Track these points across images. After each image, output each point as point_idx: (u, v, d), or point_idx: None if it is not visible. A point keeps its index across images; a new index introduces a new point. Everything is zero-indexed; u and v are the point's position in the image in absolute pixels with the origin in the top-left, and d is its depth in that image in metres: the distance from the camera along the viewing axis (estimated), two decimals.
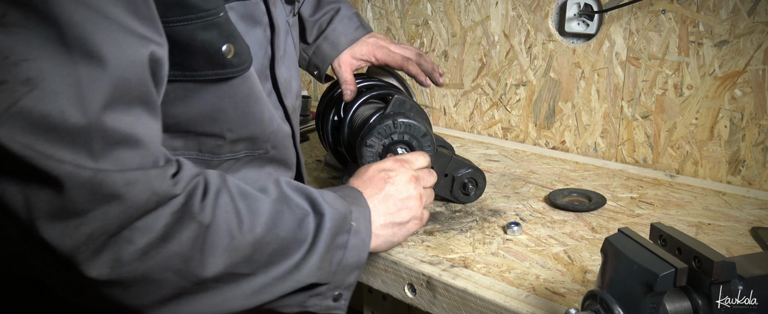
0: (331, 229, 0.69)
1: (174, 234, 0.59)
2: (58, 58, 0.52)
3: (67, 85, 0.52)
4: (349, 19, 1.08)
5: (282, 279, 0.67)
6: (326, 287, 0.71)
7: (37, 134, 0.52)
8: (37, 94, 0.51)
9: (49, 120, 0.52)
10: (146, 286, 0.59)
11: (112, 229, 0.55)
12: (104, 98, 0.54)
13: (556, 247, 0.89)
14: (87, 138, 0.54)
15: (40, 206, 0.53)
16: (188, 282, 0.61)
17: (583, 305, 0.60)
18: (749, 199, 1.07)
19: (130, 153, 0.56)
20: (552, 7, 1.29)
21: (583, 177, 1.18)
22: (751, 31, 1.06)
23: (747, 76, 1.09)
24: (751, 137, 1.11)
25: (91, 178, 0.53)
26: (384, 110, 0.97)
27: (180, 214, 0.59)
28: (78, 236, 0.54)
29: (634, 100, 1.23)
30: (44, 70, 0.52)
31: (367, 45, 1.08)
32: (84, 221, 0.54)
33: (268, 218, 0.66)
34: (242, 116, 0.76)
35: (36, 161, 0.52)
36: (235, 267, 0.63)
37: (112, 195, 0.55)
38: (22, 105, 0.51)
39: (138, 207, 0.56)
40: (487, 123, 1.48)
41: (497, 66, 1.41)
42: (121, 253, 0.56)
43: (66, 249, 0.54)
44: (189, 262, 0.60)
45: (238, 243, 0.63)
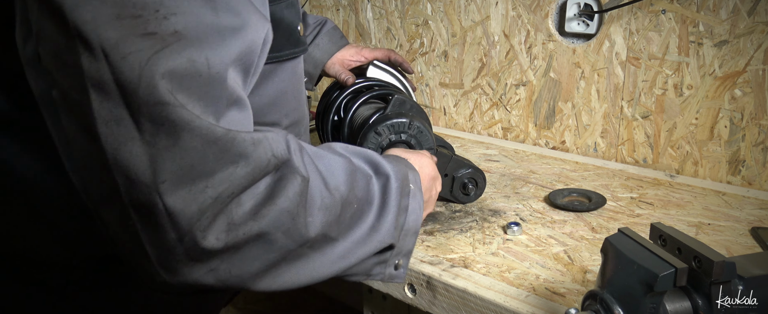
0: (398, 190, 0.69)
1: (280, 191, 0.57)
2: (204, 11, 0.51)
3: (211, 33, 0.52)
4: (334, 30, 1.17)
5: (363, 242, 0.66)
6: (390, 253, 0.70)
7: (179, 81, 0.50)
8: (184, 42, 0.50)
9: (193, 67, 0.50)
10: (256, 249, 0.57)
11: (237, 191, 0.53)
12: (235, 54, 0.54)
13: (556, 247, 0.89)
14: (220, 90, 0.52)
15: (166, 167, 0.50)
16: (294, 243, 0.59)
17: (583, 305, 0.60)
18: (749, 199, 1.07)
19: (240, 116, 0.55)
20: (552, 7, 1.29)
21: (583, 177, 1.18)
22: (751, 31, 1.06)
23: (747, 76, 1.09)
24: (751, 137, 1.11)
25: (225, 135, 0.52)
26: (384, 110, 0.97)
27: (282, 171, 0.58)
28: (204, 199, 0.52)
29: (634, 100, 1.23)
30: (190, 21, 0.51)
31: (353, 48, 1.18)
32: (210, 183, 0.52)
33: (346, 178, 0.65)
34: (296, 98, 0.76)
35: (175, 111, 0.49)
36: (328, 227, 0.62)
37: (241, 154, 0.53)
38: (170, 51, 0.49)
39: (261, 169, 0.55)
40: (487, 123, 1.48)
41: (497, 66, 1.41)
42: (233, 216, 0.54)
43: (189, 215, 0.52)
44: (296, 219, 0.58)
45: (329, 202, 0.62)
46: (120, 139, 0.50)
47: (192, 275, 0.55)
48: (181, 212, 0.51)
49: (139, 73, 0.48)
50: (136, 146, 0.50)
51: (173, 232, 0.52)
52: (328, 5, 1.72)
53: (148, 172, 0.50)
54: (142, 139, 0.50)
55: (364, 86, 1.10)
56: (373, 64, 1.17)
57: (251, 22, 0.55)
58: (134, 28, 0.49)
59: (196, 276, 0.55)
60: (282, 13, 0.68)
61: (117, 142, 0.50)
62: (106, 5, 0.48)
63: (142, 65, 0.48)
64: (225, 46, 0.53)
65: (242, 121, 0.55)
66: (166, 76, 0.49)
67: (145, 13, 0.49)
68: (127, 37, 0.48)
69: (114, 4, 0.48)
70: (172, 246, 0.53)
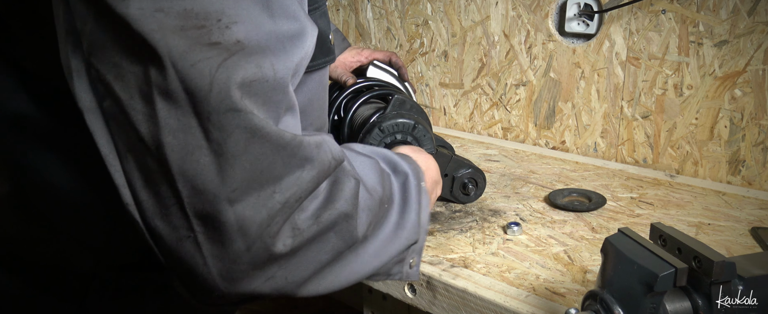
0: (416, 187, 0.70)
1: (338, 193, 0.57)
2: (264, 20, 0.51)
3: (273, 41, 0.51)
4: (336, 33, 1.17)
5: (391, 240, 0.66)
6: (407, 251, 0.70)
7: (247, 88, 0.49)
8: (248, 51, 0.50)
9: (261, 73, 0.50)
10: (313, 253, 0.56)
11: (304, 195, 0.53)
12: (296, 60, 0.54)
13: (556, 247, 0.89)
14: (282, 95, 0.52)
15: (235, 175, 0.50)
16: (345, 245, 0.59)
17: (583, 305, 0.60)
18: (749, 199, 1.07)
19: (293, 121, 0.55)
20: (552, 7, 1.29)
21: (583, 177, 1.18)
22: (751, 31, 1.06)
23: (747, 76, 1.09)
24: (751, 137, 1.11)
25: (292, 140, 0.52)
26: (384, 110, 0.97)
27: (337, 174, 0.58)
28: (273, 204, 0.51)
29: (634, 100, 1.23)
30: (252, 30, 0.50)
31: (354, 50, 1.19)
32: (278, 188, 0.51)
33: (378, 178, 0.65)
34: (322, 106, 0.76)
35: (244, 118, 0.49)
36: (370, 227, 0.62)
37: (307, 158, 0.53)
38: (238, 58, 0.49)
39: (324, 171, 0.55)
40: (487, 123, 1.48)
41: (497, 66, 1.41)
42: (296, 220, 0.54)
43: (259, 221, 0.51)
44: (350, 221, 0.58)
45: (370, 203, 0.62)
46: (187, 148, 0.49)
47: (251, 285, 0.55)
48: (250, 219, 0.51)
49: (211, 80, 0.48)
50: (204, 154, 0.50)
51: (241, 241, 0.52)
52: (328, 5, 1.72)
53: (217, 180, 0.50)
54: (210, 147, 0.49)
55: (364, 86, 1.10)
56: (373, 64, 1.17)
57: (307, 28, 0.56)
58: (199, 38, 0.48)
59: (254, 286, 0.55)
60: (317, 21, 0.67)
61: (184, 151, 0.49)
62: (170, 17, 0.48)
63: (213, 72, 0.48)
64: (286, 53, 0.53)
65: (296, 125, 0.56)
66: (237, 84, 0.49)
67: (207, 23, 0.49)
68: (193, 47, 0.48)
69: (178, 16, 0.48)
70: (237, 256, 0.52)
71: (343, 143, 1.05)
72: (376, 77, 1.15)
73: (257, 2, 0.51)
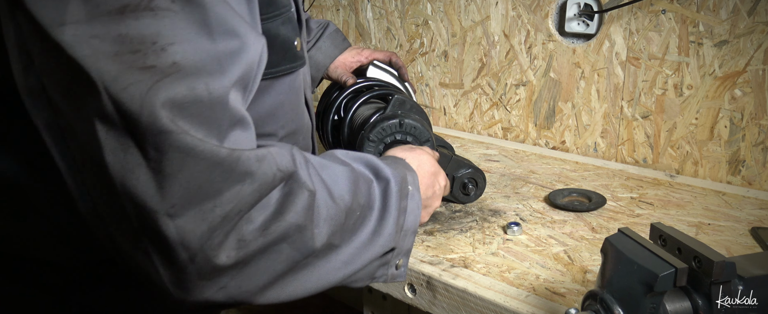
0: (397, 193, 0.71)
1: (289, 205, 0.58)
2: (202, 39, 0.53)
3: (209, 61, 0.53)
4: (336, 33, 1.18)
5: (367, 246, 0.67)
6: (391, 254, 0.71)
7: (181, 109, 0.51)
8: (183, 72, 0.51)
9: (194, 95, 0.51)
10: (265, 263, 0.58)
11: (245, 208, 0.55)
12: (236, 77, 0.55)
13: (556, 247, 0.89)
14: (222, 113, 0.53)
15: (174, 191, 0.51)
16: (300, 255, 0.60)
17: (583, 305, 0.60)
18: (749, 199, 1.07)
19: (244, 135, 0.57)
20: (552, 7, 1.29)
21: (583, 177, 1.18)
22: (751, 31, 1.06)
23: (747, 76, 1.09)
24: (751, 137, 1.11)
25: (229, 156, 0.53)
26: (384, 110, 0.97)
27: (290, 186, 0.59)
28: (213, 218, 0.53)
29: (634, 100, 1.23)
30: (188, 51, 0.52)
31: (354, 50, 1.19)
32: (218, 203, 0.53)
33: (349, 186, 0.66)
34: (294, 109, 0.78)
35: (178, 138, 0.50)
36: (333, 236, 0.63)
37: (246, 173, 0.54)
38: (170, 81, 0.51)
39: (267, 184, 0.56)
40: (487, 123, 1.48)
41: (497, 66, 1.41)
42: (243, 232, 0.55)
43: (200, 234, 0.53)
44: (303, 232, 0.59)
45: (334, 212, 0.63)
46: (127, 166, 0.51)
47: (204, 294, 0.57)
48: (191, 232, 0.53)
49: (140, 103, 0.50)
50: (143, 172, 0.51)
51: (184, 253, 0.53)
52: (328, 5, 1.72)
53: (157, 197, 0.51)
54: (149, 165, 0.51)
55: (365, 86, 1.10)
56: (373, 64, 1.17)
57: (249, 42, 0.57)
58: (133, 63, 0.50)
59: (207, 295, 0.57)
60: (278, 29, 0.69)
61: (124, 169, 0.51)
62: (105, 42, 0.50)
63: (143, 96, 0.50)
64: (223, 72, 0.54)
65: (246, 139, 0.57)
66: (166, 105, 0.50)
67: (142, 47, 0.50)
68: (126, 71, 0.50)
69: (113, 41, 0.50)
70: (183, 267, 0.54)
71: (344, 143, 1.05)
72: (376, 77, 1.15)
73: (194, 22, 0.52)
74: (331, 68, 1.16)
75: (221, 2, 0.54)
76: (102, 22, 0.50)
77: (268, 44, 0.65)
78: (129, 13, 0.50)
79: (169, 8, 0.51)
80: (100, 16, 0.50)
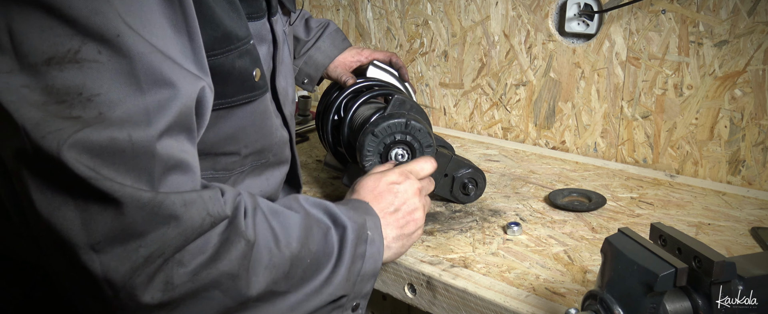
0: (354, 240, 0.71)
1: (224, 253, 0.59)
2: (128, 89, 0.54)
3: (136, 112, 0.54)
4: (336, 33, 1.19)
5: (315, 294, 0.68)
6: (346, 298, 0.72)
7: (102, 157, 0.53)
8: (107, 123, 0.53)
9: (115, 144, 0.53)
10: (194, 307, 0.59)
11: (170, 251, 0.56)
12: (167, 124, 0.56)
13: (556, 247, 0.89)
14: (150, 161, 0.55)
15: (98, 229, 0.53)
16: (234, 302, 0.61)
17: (583, 305, 0.60)
18: (749, 199, 1.07)
19: (183, 178, 0.58)
20: (552, 7, 1.29)
21: (583, 177, 1.18)
22: (751, 31, 1.06)
23: (747, 76, 1.09)
24: (751, 137, 1.11)
25: (152, 199, 0.54)
26: (384, 110, 0.97)
27: (228, 233, 0.60)
28: (136, 258, 0.54)
29: (634, 100, 1.23)
30: (114, 102, 0.54)
31: (354, 50, 1.19)
32: (143, 243, 0.55)
33: (301, 233, 0.67)
34: (258, 131, 0.79)
35: (99, 183, 0.52)
36: (274, 284, 0.64)
37: (171, 216, 0.55)
38: (91, 131, 0.52)
39: (194, 228, 0.57)
40: (487, 123, 1.48)
41: (497, 66, 1.41)
42: (172, 275, 0.57)
43: (123, 272, 0.54)
44: (236, 281, 0.60)
45: (278, 260, 0.64)
46: (53, 204, 0.53)
47: None
48: (114, 270, 0.54)
49: (58, 150, 0.51)
50: (70, 210, 0.53)
51: (108, 289, 0.55)
52: (328, 5, 1.72)
53: (82, 234, 0.53)
54: (75, 204, 0.53)
55: (364, 86, 1.10)
56: (373, 64, 1.17)
57: (183, 88, 0.58)
58: (59, 112, 0.52)
59: None
60: (233, 63, 0.70)
61: (50, 207, 0.53)
62: (34, 92, 0.52)
63: (61, 144, 0.51)
64: (150, 122, 0.55)
65: (184, 183, 0.58)
66: (85, 153, 0.52)
67: (68, 98, 0.52)
68: (48, 119, 0.52)
69: (40, 92, 0.52)
70: (109, 301, 0.56)
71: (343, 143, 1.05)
72: (376, 77, 1.15)
73: (122, 73, 0.54)
74: (331, 68, 1.16)
75: (152, 51, 0.56)
76: (29, 73, 0.52)
77: (223, 77, 0.67)
78: (55, 64, 0.52)
79: (95, 59, 0.53)
80: (28, 67, 0.52)
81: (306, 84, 1.17)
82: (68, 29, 0.52)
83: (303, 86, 1.18)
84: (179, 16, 0.59)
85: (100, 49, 0.53)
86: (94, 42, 0.53)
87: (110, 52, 0.53)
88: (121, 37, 0.54)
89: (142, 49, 0.55)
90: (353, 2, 1.65)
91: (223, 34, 0.68)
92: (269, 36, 0.81)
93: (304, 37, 1.17)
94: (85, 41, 0.52)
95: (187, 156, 0.59)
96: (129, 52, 0.54)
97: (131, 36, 0.54)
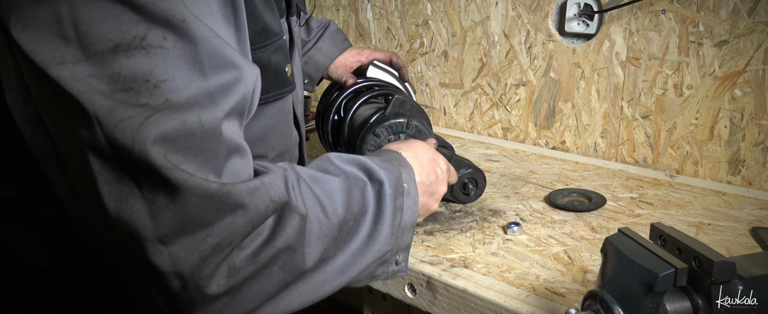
0: (392, 194, 0.71)
1: (280, 231, 0.59)
2: (193, 74, 0.54)
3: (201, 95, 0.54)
4: (337, 33, 1.19)
5: (362, 253, 0.68)
6: (390, 252, 0.72)
7: (173, 142, 0.52)
8: (174, 108, 0.53)
9: (186, 127, 0.53)
10: (256, 287, 0.59)
11: (237, 239, 0.56)
12: (229, 108, 0.56)
13: (556, 247, 0.89)
14: (217, 143, 0.55)
15: (166, 221, 0.53)
16: (292, 276, 0.61)
17: (583, 305, 0.60)
18: (749, 199, 1.07)
19: (242, 162, 0.58)
20: (552, 7, 1.29)
21: (583, 177, 1.18)
22: (751, 31, 1.06)
23: (747, 76, 1.09)
24: (751, 137, 1.11)
25: (219, 190, 0.54)
26: (384, 110, 0.97)
27: (282, 210, 0.60)
28: (204, 248, 0.54)
29: (634, 100, 1.23)
30: (180, 87, 0.53)
31: (354, 50, 1.20)
32: (210, 233, 0.54)
33: (344, 198, 0.67)
34: (283, 131, 0.79)
35: (169, 173, 0.52)
36: (325, 251, 0.64)
37: (237, 205, 0.55)
38: (161, 116, 0.52)
39: (260, 215, 0.57)
40: (487, 123, 1.48)
41: (497, 66, 1.41)
42: (234, 261, 0.56)
43: (192, 263, 0.54)
44: (293, 255, 0.60)
45: (327, 229, 0.64)
46: (121, 197, 0.53)
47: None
48: (183, 261, 0.54)
49: (132, 138, 0.51)
50: (137, 202, 0.53)
51: (177, 280, 0.54)
52: (328, 5, 1.72)
53: (150, 226, 0.53)
54: (142, 196, 0.53)
55: (365, 86, 1.10)
56: (374, 64, 1.17)
57: (245, 72, 0.58)
58: (127, 100, 0.52)
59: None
60: (269, 57, 0.71)
61: (119, 199, 0.53)
62: (100, 81, 0.51)
63: (135, 131, 0.51)
64: (216, 104, 0.55)
65: (243, 168, 0.58)
66: (157, 140, 0.51)
67: (135, 85, 0.52)
68: (118, 107, 0.51)
69: (107, 80, 0.51)
70: (177, 294, 0.55)
71: (344, 143, 1.06)
72: (376, 77, 1.15)
73: (186, 60, 0.54)
74: (331, 68, 1.16)
75: (214, 36, 0.56)
76: (96, 62, 0.51)
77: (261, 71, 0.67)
78: (121, 52, 0.52)
79: (160, 45, 0.53)
80: (94, 56, 0.51)
81: (306, 84, 1.18)
82: (134, 15, 0.52)
83: (303, 86, 1.18)
84: (229, 7, 0.60)
85: (166, 35, 0.53)
86: (160, 28, 0.52)
87: (176, 37, 0.53)
88: (186, 22, 0.53)
89: (206, 34, 0.55)
90: (353, 2, 1.65)
91: (262, 28, 0.68)
92: (287, 35, 0.81)
93: (305, 38, 1.17)
94: (151, 27, 0.52)
95: (243, 141, 0.59)
96: (194, 37, 0.54)
97: (195, 21, 0.54)
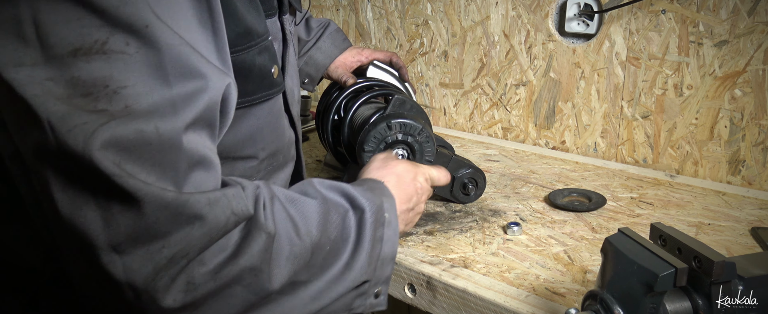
0: (372, 223, 0.70)
1: (245, 249, 0.58)
2: (155, 81, 0.53)
3: (162, 104, 0.53)
4: (337, 32, 1.18)
5: (337, 281, 0.67)
6: (369, 284, 0.70)
7: (128, 151, 0.51)
8: (133, 115, 0.52)
9: (142, 137, 0.52)
10: (218, 306, 0.57)
11: (194, 252, 0.54)
12: (193, 117, 0.55)
13: (556, 247, 0.89)
14: (176, 155, 0.54)
15: (120, 230, 0.52)
16: (256, 297, 0.60)
17: (583, 305, 0.60)
18: (749, 199, 1.07)
19: (206, 175, 0.57)
20: (552, 7, 1.29)
21: (583, 177, 1.18)
22: (751, 31, 1.06)
23: (747, 76, 1.09)
24: (751, 137, 1.11)
25: (175, 199, 0.53)
26: (384, 110, 0.97)
27: (248, 228, 0.59)
28: (159, 259, 0.53)
29: (634, 100, 1.23)
30: (141, 94, 0.52)
31: (355, 50, 1.19)
32: (166, 244, 0.53)
33: (319, 220, 0.66)
34: (273, 132, 0.78)
35: (122, 181, 0.51)
36: (296, 274, 0.63)
37: (195, 216, 0.54)
38: (117, 124, 0.51)
39: (219, 228, 0.56)
40: (487, 123, 1.48)
41: (497, 66, 1.41)
42: (194, 275, 0.55)
43: (145, 274, 0.53)
44: (259, 275, 0.59)
45: (299, 250, 0.62)
46: (75, 203, 0.52)
47: None
48: (137, 271, 0.53)
49: (83, 145, 0.50)
50: (91, 210, 0.52)
51: (130, 291, 0.53)
52: (328, 5, 1.72)
53: (103, 235, 0.52)
54: (97, 203, 0.52)
55: (365, 86, 1.10)
56: (374, 64, 1.17)
57: (212, 81, 0.57)
58: (84, 105, 0.50)
59: None
60: (253, 59, 0.69)
61: (72, 206, 0.52)
62: (58, 85, 0.50)
63: (87, 138, 0.50)
64: (177, 114, 0.54)
65: (208, 180, 0.57)
66: (111, 148, 0.50)
67: (94, 90, 0.51)
68: (74, 112, 0.50)
69: (66, 84, 0.50)
70: (131, 304, 0.54)
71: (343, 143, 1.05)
72: (376, 77, 1.15)
73: (148, 67, 0.52)
74: (331, 68, 1.16)
75: (181, 44, 0.54)
76: (55, 65, 0.50)
77: (244, 74, 0.66)
78: (81, 56, 0.50)
79: (122, 51, 0.52)
80: (53, 59, 0.50)
81: (306, 84, 1.18)
82: (96, 19, 0.51)
83: (303, 86, 1.18)
84: (205, 10, 0.58)
85: (128, 41, 0.52)
86: (123, 33, 0.51)
87: (139, 43, 0.52)
88: (150, 28, 0.52)
89: (171, 40, 0.53)
90: (353, 2, 1.65)
91: (244, 30, 0.67)
92: (280, 35, 0.81)
93: (305, 37, 1.17)
94: (113, 32, 0.51)
95: (210, 153, 0.58)
96: (157, 43, 0.53)
97: (160, 27, 0.53)
